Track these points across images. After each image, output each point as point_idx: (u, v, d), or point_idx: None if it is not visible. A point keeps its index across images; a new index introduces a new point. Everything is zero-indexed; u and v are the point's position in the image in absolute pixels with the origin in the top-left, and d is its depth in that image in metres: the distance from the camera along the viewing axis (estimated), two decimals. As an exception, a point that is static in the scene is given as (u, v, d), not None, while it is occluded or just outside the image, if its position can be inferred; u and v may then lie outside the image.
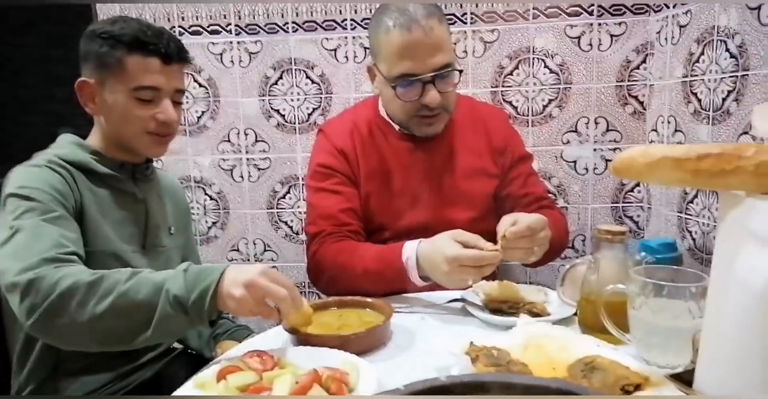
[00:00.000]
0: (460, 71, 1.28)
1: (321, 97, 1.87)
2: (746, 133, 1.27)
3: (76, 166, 1.07)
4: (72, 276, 0.85)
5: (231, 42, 1.86)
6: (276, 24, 1.83)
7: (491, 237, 1.12)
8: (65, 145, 1.11)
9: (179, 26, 1.85)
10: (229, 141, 1.93)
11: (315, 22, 1.82)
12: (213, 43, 1.86)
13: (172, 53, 1.09)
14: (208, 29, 1.85)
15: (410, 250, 1.16)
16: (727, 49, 1.32)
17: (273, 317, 0.89)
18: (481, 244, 1.08)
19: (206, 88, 1.89)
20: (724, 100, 1.34)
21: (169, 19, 1.85)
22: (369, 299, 1.10)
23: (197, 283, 0.87)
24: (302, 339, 0.95)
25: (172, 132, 1.15)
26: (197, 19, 1.85)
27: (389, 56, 1.23)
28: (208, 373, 0.83)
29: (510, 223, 1.10)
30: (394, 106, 1.31)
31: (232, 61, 1.87)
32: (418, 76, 1.22)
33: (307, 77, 1.86)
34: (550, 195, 1.50)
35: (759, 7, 1.20)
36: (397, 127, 1.38)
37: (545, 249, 1.15)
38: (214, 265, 0.91)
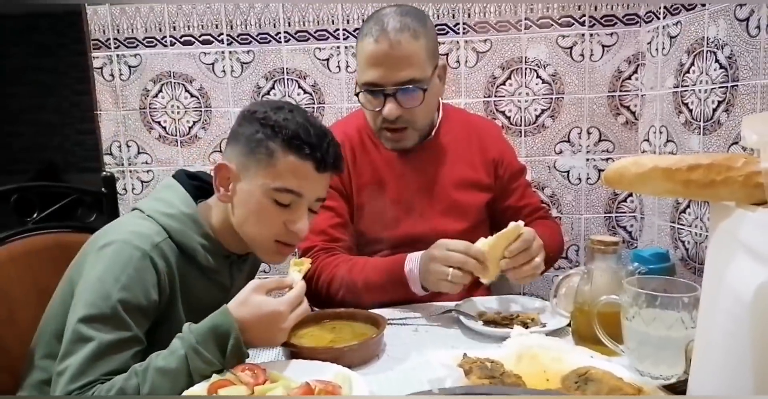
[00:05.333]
0: (424, 90, 1.25)
1: (314, 107, 1.87)
2: (736, 143, 1.28)
3: (182, 251, 1.01)
4: None
5: (223, 52, 1.85)
6: (268, 34, 1.83)
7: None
8: (181, 217, 1.01)
9: (170, 36, 1.85)
10: (220, 151, 1.92)
11: (307, 31, 1.82)
12: (205, 53, 1.86)
13: (329, 161, 1.00)
14: (200, 39, 1.85)
15: (413, 262, 1.18)
16: (717, 60, 1.33)
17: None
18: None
19: (198, 99, 1.89)
20: (714, 110, 1.35)
21: (160, 29, 1.85)
22: (362, 311, 1.09)
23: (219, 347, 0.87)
24: (294, 352, 0.94)
25: (298, 243, 1.07)
26: (189, 28, 1.85)
27: (360, 63, 1.28)
28: (198, 388, 0.82)
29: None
30: (367, 116, 1.35)
31: (224, 71, 1.87)
32: (381, 87, 1.25)
33: (300, 87, 1.86)
34: (544, 205, 1.53)
35: (747, 19, 1.22)
36: None
37: (544, 256, 1.16)
38: (219, 325, 0.89)
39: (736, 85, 1.27)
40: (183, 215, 1.02)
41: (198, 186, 1.10)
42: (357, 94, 1.31)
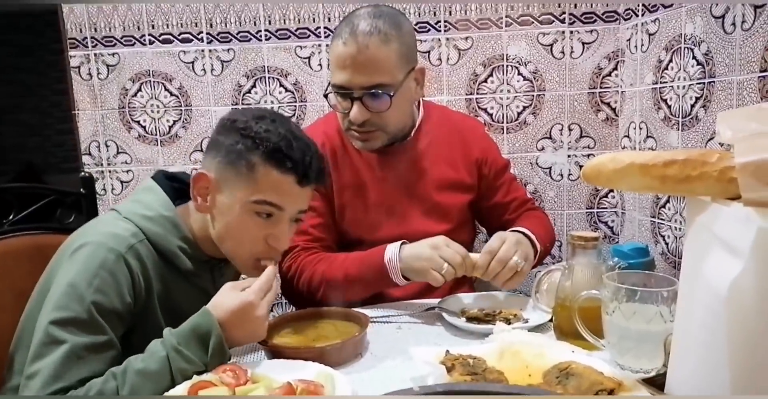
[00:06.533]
0: (391, 96, 1.22)
1: (295, 106, 1.86)
2: (714, 138, 1.30)
3: (160, 254, 0.99)
4: None
5: (203, 50, 1.84)
6: (248, 32, 1.82)
7: (465, 247, 1.14)
8: (160, 220, 0.99)
9: (149, 34, 1.83)
10: (201, 150, 1.90)
11: (288, 29, 1.81)
12: (184, 52, 1.84)
13: (311, 175, 0.99)
14: (179, 37, 1.83)
15: (392, 252, 1.17)
16: (694, 57, 1.35)
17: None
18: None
19: (178, 97, 1.87)
20: (692, 106, 1.37)
21: (139, 28, 1.82)
22: (344, 310, 1.09)
23: (202, 349, 0.87)
24: (277, 351, 0.94)
25: (278, 257, 1.04)
26: (168, 27, 1.83)
27: (331, 64, 1.27)
28: (179, 389, 0.81)
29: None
30: (338, 116, 1.32)
31: (204, 70, 1.85)
32: (348, 90, 1.23)
33: (281, 85, 1.85)
34: (531, 197, 1.54)
35: (723, 16, 1.23)
36: None
37: (524, 253, 1.15)
38: (199, 325, 0.89)
39: (713, 82, 1.28)
40: (162, 218, 1.00)
41: (177, 188, 1.08)
42: (326, 95, 1.30)
